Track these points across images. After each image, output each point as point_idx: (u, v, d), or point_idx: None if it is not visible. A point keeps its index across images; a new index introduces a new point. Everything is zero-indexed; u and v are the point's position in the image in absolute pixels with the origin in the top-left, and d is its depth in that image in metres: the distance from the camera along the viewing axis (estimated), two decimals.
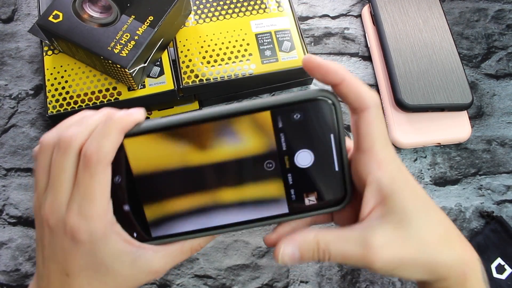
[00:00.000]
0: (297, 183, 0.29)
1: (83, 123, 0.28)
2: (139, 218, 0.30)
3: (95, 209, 0.27)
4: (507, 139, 0.53)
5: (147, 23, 0.47)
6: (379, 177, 0.27)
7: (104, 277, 0.29)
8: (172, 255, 0.31)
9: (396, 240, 0.26)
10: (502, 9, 0.60)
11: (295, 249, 0.28)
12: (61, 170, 0.27)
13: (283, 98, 0.28)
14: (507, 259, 0.45)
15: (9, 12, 0.59)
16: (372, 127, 0.27)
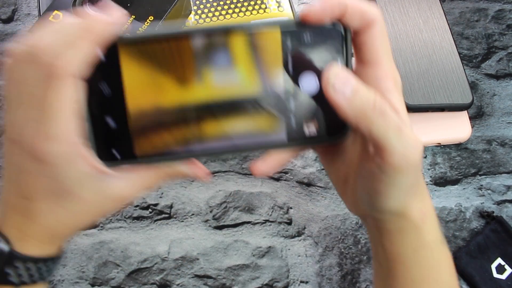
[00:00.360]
0: (299, 110, 0.28)
1: (58, 32, 0.24)
2: (124, 133, 0.27)
3: (56, 127, 0.25)
4: (507, 139, 0.53)
5: (147, 23, 0.47)
6: (389, 86, 0.27)
7: (67, 203, 0.27)
8: (140, 182, 0.29)
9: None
10: (502, 9, 0.60)
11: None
12: (26, 85, 0.24)
13: (295, 20, 0.26)
14: (507, 259, 0.45)
15: (9, 12, 0.59)
16: (380, 40, 0.27)
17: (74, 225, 0.29)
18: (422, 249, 0.31)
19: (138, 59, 0.26)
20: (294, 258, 0.47)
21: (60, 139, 0.25)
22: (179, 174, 0.30)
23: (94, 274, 0.46)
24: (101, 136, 0.27)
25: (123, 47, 0.26)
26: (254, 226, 0.48)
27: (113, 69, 0.26)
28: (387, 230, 0.32)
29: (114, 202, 0.28)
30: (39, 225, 0.28)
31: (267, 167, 0.29)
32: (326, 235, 0.48)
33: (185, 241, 0.47)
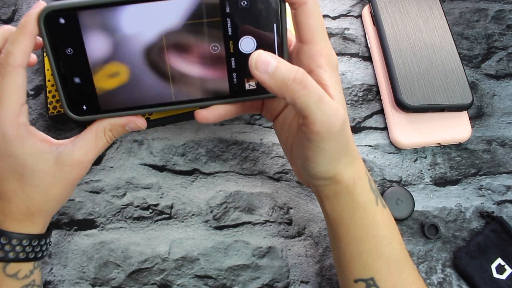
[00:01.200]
0: (239, 67, 0.32)
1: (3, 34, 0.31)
2: (89, 90, 0.32)
3: (5, 111, 0.29)
4: (507, 139, 0.53)
5: None
6: (321, 63, 0.30)
7: (32, 179, 0.31)
8: (89, 141, 0.32)
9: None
10: (502, 9, 0.60)
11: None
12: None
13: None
14: (507, 259, 0.45)
15: (10, 12, 0.59)
16: (311, 19, 0.30)
17: (46, 199, 0.32)
18: (356, 210, 0.34)
19: (94, 23, 0.30)
20: (295, 258, 0.47)
21: (9, 121, 0.29)
22: (119, 125, 0.33)
23: (94, 275, 0.46)
24: (70, 92, 0.32)
25: (82, 12, 0.30)
26: (255, 227, 0.48)
27: (75, 33, 0.30)
28: (325, 195, 0.35)
29: (74, 168, 0.32)
30: (14, 204, 0.32)
31: (209, 113, 0.33)
32: (326, 235, 0.48)
33: (186, 241, 0.47)
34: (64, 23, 0.30)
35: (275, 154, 0.51)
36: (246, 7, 0.30)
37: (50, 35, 0.30)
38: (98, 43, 0.31)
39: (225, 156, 0.51)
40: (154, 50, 0.31)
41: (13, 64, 0.29)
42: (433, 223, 0.48)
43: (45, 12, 0.30)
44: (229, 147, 0.51)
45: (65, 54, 0.31)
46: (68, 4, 0.30)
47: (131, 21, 0.30)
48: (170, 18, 0.30)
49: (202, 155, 0.51)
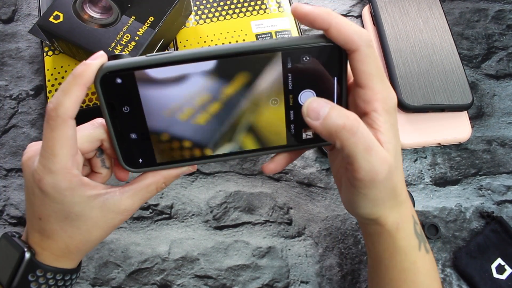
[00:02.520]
0: (297, 119, 0.32)
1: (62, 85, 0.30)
2: (145, 145, 0.32)
3: (57, 164, 0.29)
4: (507, 139, 0.53)
5: (148, 24, 0.47)
6: (376, 107, 0.30)
7: (75, 222, 0.31)
8: (138, 193, 0.33)
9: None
10: (502, 10, 0.60)
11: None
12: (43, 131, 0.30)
13: (295, 41, 0.29)
14: (507, 259, 0.45)
15: (10, 12, 0.59)
16: (365, 65, 0.29)
17: (86, 240, 0.33)
18: (397, 254, 0.34)
19: (152, 82, 0.30)
20: (295, 258, 0.47)
21: (62, 174, 0.30)
22: (173, 176, 0.34)
23: (94, 275, 0.46)
24: (126, 148, 0.32)
25: (139, 72, 0.30)
26: (255, 227, 0.48)
27: (132, 92, 0.30)
28: (368, 232, 0.36)
29: (118, 215, 0.32)
30: (54, 241, 0.32)
31: (276, 165, 0.34)
32: (326, 236, 0.48)
33: (186, 241, 0.47)
34: (121, 82, 0.30)
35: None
36: (308, 62, 0.30)
37: (106, 94, 0.30)
38: (156, 100, 0.31)
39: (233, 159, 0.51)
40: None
41: (63, 117, 0.28)
42: (433, 223, 0.48)
43: (102, 73, 0.29)
44: None
45: (121, 112, 0.31)
46: (127, 65, 0.29)
47: (187, 79, 0.30)
48: (232, 74, 0.30)
49: None
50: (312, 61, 0.30)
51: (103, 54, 0.30)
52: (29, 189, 0.31)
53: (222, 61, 0.29)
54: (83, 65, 0.29)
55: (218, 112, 0.31)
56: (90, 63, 0.29)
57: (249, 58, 0.29)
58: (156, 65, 0.29)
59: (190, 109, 0.31)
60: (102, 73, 0.29)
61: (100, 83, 0.29)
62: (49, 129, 0.29)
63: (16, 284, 0.32)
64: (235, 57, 0.29)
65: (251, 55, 0.29)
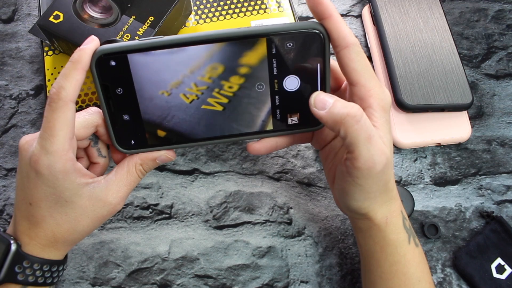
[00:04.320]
0: (283, 104, 0.33)
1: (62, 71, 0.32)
2: (137, 126, 0.33)
3: (55, 144, 0.30)
4: (507, 139, 0.53)
5: (148, 24, 0.47)
6: (371, 103, 0.31)
7: (64, 208, 0.32)
8: (121, 178, 0.34)
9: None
10: (502, 9, 0.60)
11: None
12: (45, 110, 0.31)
13: (279, 27, 0.30)
14: (507, 259, 0.45)
15: (10, 12, 0.59)
16: (355, 63, 0.30)
17: (73, 229, 0.33)
18: (387, 247, 0.35)
19: (144, 65, 0.31)
20: (294, 258, 0.47)
21: (58, 155, 0.30)
22: (150, 159, 0.34)
23: (94, 274, 0.46)
24: (119, 129, 0.34)
25: (132, 55, 0.31)
26: (254, 226, 0.48)
27: (125, 74, 0.32)
28: (359, 228, 0.37)
29: (106, 204, 0.33)
30: (42, 229, 0.32)
31: (261, 146, 0.35)
32: (326, 235, 0.48)
33: (186, 241, 0.47)
34: (115, 65, 0.31)
35: (275, 154, 0.51)
36: (292, 47, 0.31)
37: (100, 76, 0.32)
38: (147, 83, 0.32)
39: (225, 155, 0.51)
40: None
41: (64, 99, 0.29)
42: (433, 223, 0.48)
43: (97, 56, 0.31)
44: (229, 147, 0.51)
45: (115, 93, 0.32)
46: (120, 48, 0.31)
47: (178, 63, 0.31)
48: (219, 59, 0.31)
49: (202, 155, 0.51)
50: (296, 47, 0.31)
51: (95, 38, 0.31)
52: (23, 172, 0.32)
53: (210, 46, 0.31)
54: (79, 50, 0.30)
55: (206, 96, 0.33)
56: (84, 48, 0.30)
57: (236, 43, 0.31)
58: (147, 49, 0.31)
59: (180, 92, 0.33)
60: (96, 56, 0.31)
61: (95, 65, 0.31)
62: (51, 110, 0.29)
63: (2, 276, 0.32)
64: (223, 42, 0.31)
65: (238, 40, 0.31)
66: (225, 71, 0.32)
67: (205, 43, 0.31)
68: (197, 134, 0.34)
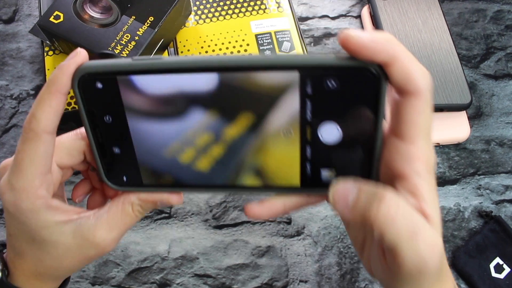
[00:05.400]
0: (315, 158, 0.26)
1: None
2: (130, 161, 0.27)
3: (21, 181, 0.26)
4: (506, 139, 0.53)
5: (148, 24, 0.47)
6: (418, 168, 0.24)
7: (44, 246, 0.28)
8: (113, 216, 0.28)
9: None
10: (501, 10, 0.60)
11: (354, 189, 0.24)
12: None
13: (319, 59, 0.23)
14: (505, 258, 0.45)
15: (10, 12, 0.59)
16: (420, 116, 0.23)
17: (57, 266, 0.29)
18: None
19: (138, 91, 0.25)
20: (294, 258, 0.47)
21: (25, 193, 0.26)
22: (151, 202, 0.29)
23: (94, 273, 0.46)
24: (108, 162, 0.28)
25: (122, 78, 0.25)
26: (254, 226, 0.48)
27: (114, 100, 0.25)
28: None
29: (94, 245, 0.28)
30: (24, 261, 0.29)
31: (262, 210, 0.27)
32: (325, 235, 0.48)
33: (185, 240, 0.47)
34: (102, 87, 0.25)
35: None
36: (334, 88, 0.23)
37: (85, 99, 0.25)
38: (143, 112, 0.26)
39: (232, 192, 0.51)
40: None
41: (35, 130, 0.25)
42: None
43: (79, 75, 0.24)
44: None
45: (102, 121, 0.26)
46: (107, 67, 0.24)
47: (179, 92, 0.25)
48: (233, 91, 0.24)
49: None
50: (340, 87, 0.23)
51: (81, 52, 0.25)
52: (1, 203, 0.29)
53: (223, 74, 0.24)
54: (57, 68, 0.25)
55: (216, 136, 0.26)
56: (63, 65, 0.24)
57: (258, 74, 0.24)
58: (141, 72, 0.24)
59: (184, 128, 0.26)
60: (79, 75, 0.24)
61: (78, 86, 0.25)
62: (21, 142, 0.25)
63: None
64: (241, 72, 0.24)
65: (261, 70, 0.23)
66: (242, 108, 0.25)
67: (217, 70, 0.24)
68: (203, 178, 0.27)
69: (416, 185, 0.24)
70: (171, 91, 0.25)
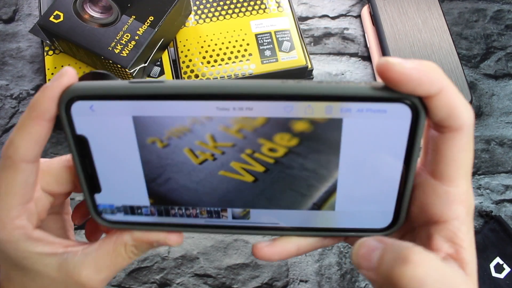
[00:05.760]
0: (350, 190, 0.23)
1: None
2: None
3: (0, 209, 0.24)
4: (505, 138, 0.53)
5: (148, 23, 0.47)
6: (459, 214, 0.22)
7: (28, 274, 0.26)
8: (104, 255, 0.25)
9: None
10: (501, 10, 0.60)
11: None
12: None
13: (350, 89, 0.20)
14: (505, 258, 0.45)
15: (10, 12, 0.59)
16: (462, 154, 0.21)
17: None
18: None
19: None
20: (294, 257, 0.47)
21: (2, 223, 0.24)
22: (147, 242, 0.26)
23: None
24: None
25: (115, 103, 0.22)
26: None
27: (108, 126, 0.23)
28: None
29: (78, 284, 0.25)
30: (12, 285, 0.27)
31: (273, 252, 0.24)
32: None
33: (185, 240, 0.47)
34: (93, 112, 0.22)
35: None
36: (367, 124, 0.21)
37: (73, 125, 0.22)
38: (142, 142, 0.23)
39: None
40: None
41: (13, 158, 0.22)
42: None
43: (67, 98, 0.21)
44: None
45: (92, 151, 0.23)
46: (99, 90, 0.21)
47: (186, 121, 0.22)
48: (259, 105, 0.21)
49: None
50: (373, 120, 0.21)
51: (67, 72, 0.22)
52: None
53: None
54: (40, 90, 0.22)
55: (228, 158, 0.23)
56: (47, 87, 0.22)
57: (278, 120, 0.21)
58: (139, 97, 0.21)
59: (184, 146, 0.22)
60: (67, 98, 0.21)
61: (65, 111, 0.22)
62: (1, 169, 0.23)
63: None
64: (264, 101, 0.20)
65: (289, 99, 0.20)
66: (268, 123, 0.21)
67: (234, 98, 0.20)
68: (200, 219, 0.24)
69: (455, 231, 0.22)
70: (176, 120, 0.22)
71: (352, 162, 0.22)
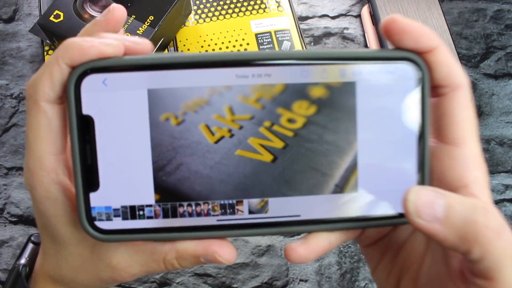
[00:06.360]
0: (368, 180, 0.22)
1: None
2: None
3: (32, 158, 0.21)
4: (505, 138, 0.53)
5: (148, 23, 0.47)
6: (477, 177, 0.21)
7: (63, 251, 0.24)
8: (141, 253, 0.23)
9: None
10: (501, 9, 0.60)
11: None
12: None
13: (360, 52, 0.21)
14: None
15: (10, 12, 0.59)
16: (466, 111, 0.21)
17: (73, 279, 0.25)
18: None
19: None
20: None
21: (37, 175, 0.21)
22: (192, 255, 0.22)
23: None
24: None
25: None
26: None
27: (127, 107, 0.21)
28: None
29: (107, 268, 0.23)
30: (46, 262, 0.26)
31: (309, 251, 0.22)
32: None
33: None
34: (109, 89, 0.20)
35: None
36: (378, 88, 0.21)
37: (80, 102, 0.20)
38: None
39: None
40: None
41: (34, 97, 0.21)
42: None
43: (81, 70, 0.20)
44: None
45: (96, 135, 0.21)
46: (121, 62, 0.20)
47: (209, 90, 0.21)
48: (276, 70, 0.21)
49: None
50: (383, 83, 0.21)
51: (116, 9, 0.21)
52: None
53: (267, 68, 0.21)
54: (90, 24, 0.21)
55: (246, 133, 0.21)
56: (97, 21, 0.21)
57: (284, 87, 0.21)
58: (157, 67, 0.20)
59: (200, 122, 0.21)
60: (80, 70, 0.20)
61: (74, 85, 0.20)
62: (28, 117, 0.21)
63: None
64: (282, 66, 0.21)
65: (302, 64, 0.21)
66: (286, 90, 0.21)
67: (250, 64, 0.20)
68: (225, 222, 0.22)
69: (477, 194, 0.21)
70: (198, 90, 0.21)
71: (369, 130, 0.21)
